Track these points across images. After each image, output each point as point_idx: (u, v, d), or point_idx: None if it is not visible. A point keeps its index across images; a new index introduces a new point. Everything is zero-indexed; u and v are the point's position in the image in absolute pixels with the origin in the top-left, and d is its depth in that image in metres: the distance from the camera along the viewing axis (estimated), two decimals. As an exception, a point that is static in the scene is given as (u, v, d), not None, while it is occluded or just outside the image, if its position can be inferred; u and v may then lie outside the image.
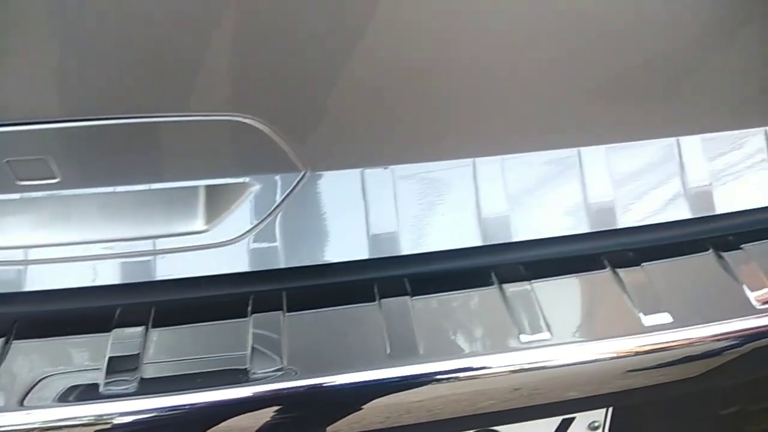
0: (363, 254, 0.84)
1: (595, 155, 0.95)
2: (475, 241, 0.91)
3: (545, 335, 0.81)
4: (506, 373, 0.80)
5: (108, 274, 0.78)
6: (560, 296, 0.87)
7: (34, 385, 0.73)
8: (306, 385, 0.72)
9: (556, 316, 0.84)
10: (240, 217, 0.79)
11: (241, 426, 0.72)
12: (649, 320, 0.83)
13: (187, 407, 0.71)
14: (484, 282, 0.87)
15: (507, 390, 0.82)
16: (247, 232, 0.79)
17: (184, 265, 0.78)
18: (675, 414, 1.13)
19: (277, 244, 0.80)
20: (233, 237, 0.78)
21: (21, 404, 0.71)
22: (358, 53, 0.75)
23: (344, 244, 0.83)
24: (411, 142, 0.84)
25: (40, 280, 0.79)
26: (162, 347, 0.76)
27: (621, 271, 0.88)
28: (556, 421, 1.01)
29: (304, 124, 0.76)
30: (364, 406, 0.76)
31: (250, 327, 0.77)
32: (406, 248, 0.87)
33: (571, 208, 0.93)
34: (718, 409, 1.15)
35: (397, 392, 0.78)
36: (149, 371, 0.73)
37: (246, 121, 0.72)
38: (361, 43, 0.75)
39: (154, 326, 0.77)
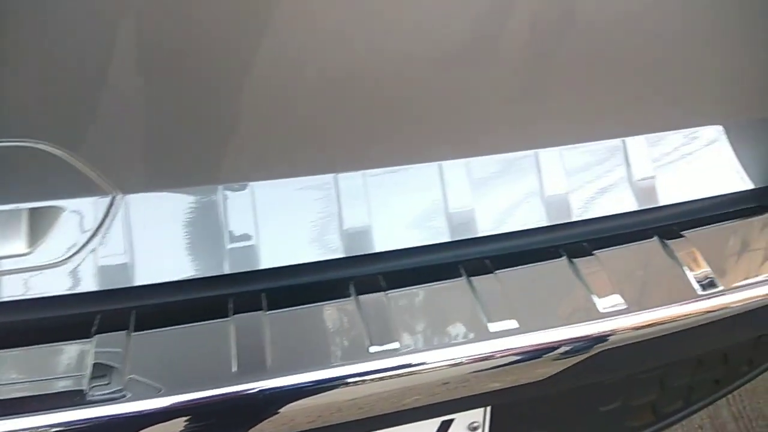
0: (208, 271, 0.84)
1: (454, 167, 0.98)
2: (335, 254, 0.92)
3: (395, 345, 0.83)
4: (355, 383, 0.82)
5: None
6: (416, 306, 0.89)
7: None
8: (141, 409, 0.72)
9: (409, 325, 0.86)
10: (60, 240, 0.78)
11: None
12: (495, 327, 0.86)
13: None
14: (343, 294, 0.89)
15: (358, 399, 0.83)
16: (74, 254, 0.78)
17: (12, 287, 0.77)
18: (556, 410, 1.17)
19: (108, 264, 0.80)
20: (56, 259, 0.78)
21: None
22: (158, 72, 0.74)
23: (180, 262, 0.83)
24: (250, 157, 0.84)
25: None
26: (-1, 370, 0.75)
27: (475, 280, 0.91)
28: (436, 422, 1.03)
29: (104, 148, 0.76)
30: (208, 427, 0.77)
31: (92, 348, 0.76)
32: (264, 263, 0.88)
33: (428, 219, 0.96)
34: (597, 405, 1.20)
35: (251, 410, 0.79)
36: (-19, 395, 0.72)
37: (40, 146, 0.71)
38: (163, 58, 0.73)
39: (-8, 349, 0.76)
